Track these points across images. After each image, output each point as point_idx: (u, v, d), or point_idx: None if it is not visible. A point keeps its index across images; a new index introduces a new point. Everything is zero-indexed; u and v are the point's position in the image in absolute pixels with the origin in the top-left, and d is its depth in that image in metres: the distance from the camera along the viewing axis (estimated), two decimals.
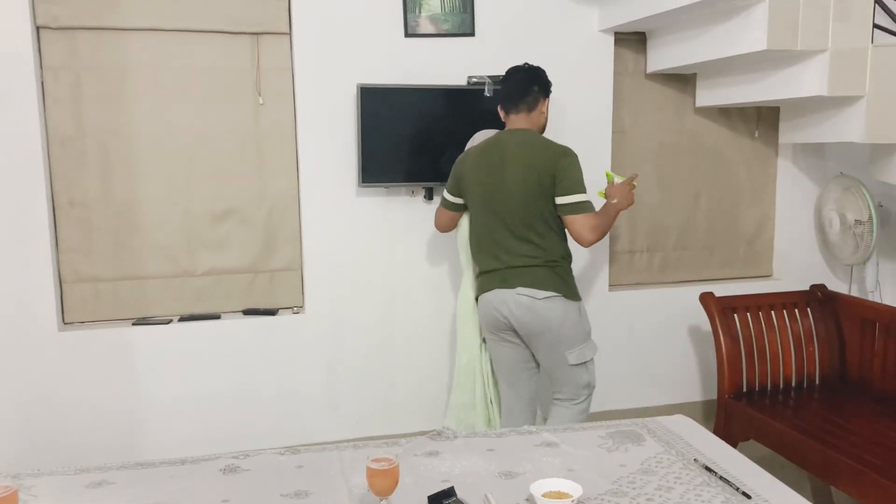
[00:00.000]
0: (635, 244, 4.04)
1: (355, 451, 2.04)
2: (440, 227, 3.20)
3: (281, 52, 3.45)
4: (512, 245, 2.82)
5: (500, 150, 2.87)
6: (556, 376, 2.96)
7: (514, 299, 2.81)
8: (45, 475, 1.90)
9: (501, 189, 2.80)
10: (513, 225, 2.81)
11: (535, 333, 2.84)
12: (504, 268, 2.85)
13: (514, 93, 2.93)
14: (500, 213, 2.83)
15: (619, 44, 3.80)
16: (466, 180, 2.94)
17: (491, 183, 2.84)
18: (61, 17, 3.17)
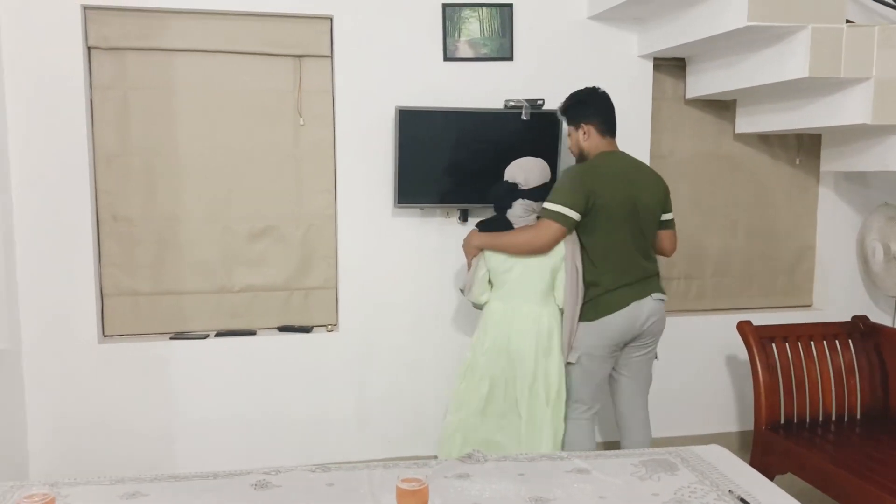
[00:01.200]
0: (672, 271, 4.00)
1: (385, 471, 2.04)
2: (546, 248, 2.92)
3: (322, 75, 3.51)
4: (641, 261, 3.01)
5: (631, 171, 3.00)
6: (644, 375, 3.17)
7: (652, 305, 2.99)
8: (81, 484, 1.94)
9: (640, 208, 2.95)
10: (645, 241, 3.02)
11: (656, 333, 3.08)
12: (642, 278, 3.00)
13: (611, 116, 3.05)
14: (639, 230, 2.97)
15: (658, 69, 3.79)
16: (602, 200, 2.88)
17: (633, 201, 2.93)
18: (111, 37, 3.27)
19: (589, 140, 3.01)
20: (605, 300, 2.95)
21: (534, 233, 2.90)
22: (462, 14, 3.51)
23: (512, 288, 3.00)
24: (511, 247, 2.97)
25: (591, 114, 3.01)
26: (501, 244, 2.99)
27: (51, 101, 3.19)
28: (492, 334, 3.02)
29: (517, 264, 2.98)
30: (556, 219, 2.86)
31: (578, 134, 3.02)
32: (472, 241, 3.07)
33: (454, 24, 3.51)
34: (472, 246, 3.06)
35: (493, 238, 3.01)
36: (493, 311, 3.05)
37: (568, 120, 3.07)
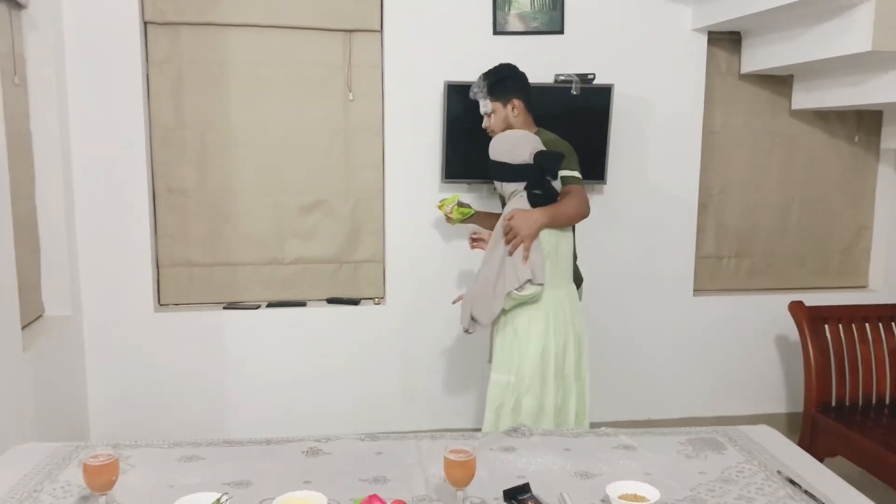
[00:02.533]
0: (722, 249, 3.94)
1: (432, 442, 2.07)
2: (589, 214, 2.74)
3: (372, 49, 3.52)
4: None
5: None
6: None
7: None
8: (141, 447, 2.02)
9: None
10: None
11: None
12: None
13: (533, 93, 2.91)
14: None
15: (712, 43, 3.71)
16: None
17: None
18: (167, 12, 3.33)
19: (518, 116, 2.85)
20: (579, 274, 2.94)
21: (581, 199, 2.66)
22: None
23: (563, 268, 2.68)
24: (571, 218, 2.67)
25: (519, 88, 2.87)
26: (561, 218, 2.62)
27: (109, 75, 3.26)
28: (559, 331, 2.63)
29: (563, 240, 2.66)
30: (581, 182, 2.75)
31: (507, 110, 2.84)
32: (536, 219, 2.55)
33: None
34: (538, 226, 2.55)
35: (554, 210, 2.59)
36: (551, 303, 2.62)
37: (494, 97, 2.85)
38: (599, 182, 3.58)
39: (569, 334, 2.67)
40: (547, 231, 2.59)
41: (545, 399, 2.62)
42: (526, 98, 2.87)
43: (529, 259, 2.53)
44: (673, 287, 3.82)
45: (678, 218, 3.78)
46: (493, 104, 2.86)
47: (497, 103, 2.86)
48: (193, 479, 1.81)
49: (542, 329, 2.61)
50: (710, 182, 3.86)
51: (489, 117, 2.89)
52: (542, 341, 2.60)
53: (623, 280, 3.78)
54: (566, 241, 2.69)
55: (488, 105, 2.87)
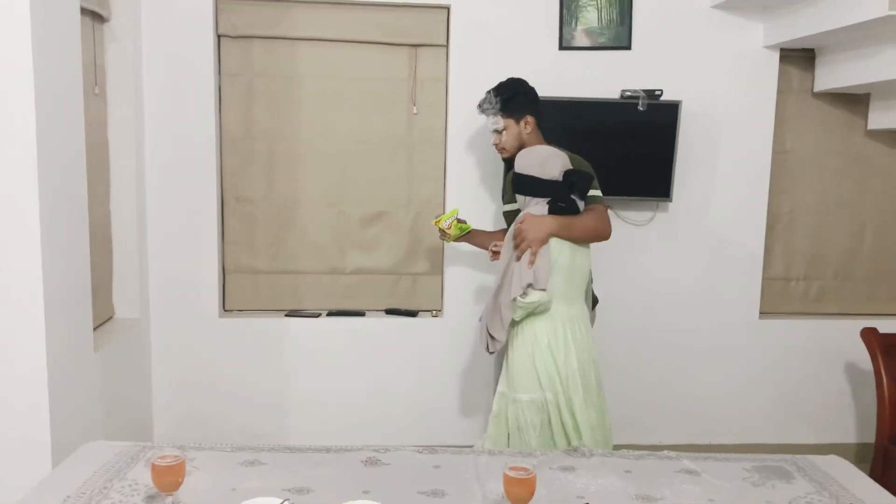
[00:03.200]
0: (791, 271, 3.83)
1: (491, 458, 2.07)
2: (610, 235, 2.70)
3: (437, 64, 3.55)
4: None
5: None
6: None
7: None
8: (205, 449, 2.06)
9: None
10: None
11: None
12: None
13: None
14: None
15: (784, 60, 3.62)
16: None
17: None
18: (239, 26, 3.42)
19: (531, 133, 2.80)
20: (593, 295, 2.86)
21: (603, 218, 2.61)
22: (580, 3, 3.46)
23: (576, 284, 2.60)
24: (586, 232, 2.59)
25: (531, 105, 2.81)
26: (579, 229, 2.55)
27: (183, 86, 3.37)
28: (579, 349, 2.54)
29: (579, 257, 2.58)
30: (603, 203, 2.70)
31: (520, 127, 2.79)
32: (547, 225, 2.50)
33: (571, 13, 3.47)
34: (547, 232, 2.50)
35: (570, 221, 2.54)
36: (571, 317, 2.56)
37: (507, 113, 2.79)
38: (665, 200, 3.52)
39: (587, 352, 2.58)
40: (564, 244, 2.53)
41: (565, 418, 2.52)
42: (537, 114, 2.82)
43: (535, 264, 2.47)
44: (738, 309, 3.73)
45: (745, 238, 3.69)
46: (505, 121, 2.81)
47: (510, 120, 2.80)
48: (255, 483, 1.84)
49: (562, 345, 2.52)
50: (780, 202, 3.76)
51: (500, 134, 2.83)
52: (563, 357, 2.51)
53: (686, 300, 3.70)
54: (583, 258, 2.61)
55: (500, 122, 2.82)
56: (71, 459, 1.99)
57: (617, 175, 3.48)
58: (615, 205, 3.59)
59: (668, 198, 3.51)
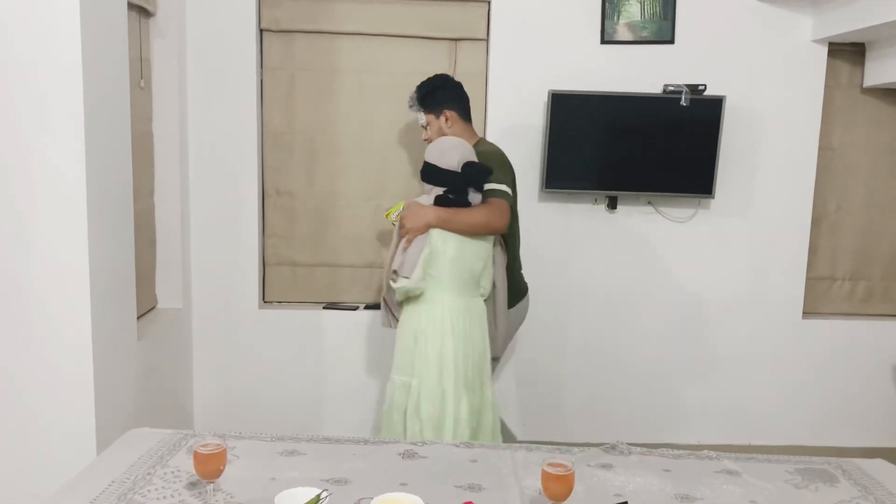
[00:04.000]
0: (836, 270, 3.75)
1: (528, 453, 2.06)
2: (505, 229, 2.66)
3: (477, 58, 3.54)
4: None
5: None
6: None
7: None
8: (245, 438, 2.09)
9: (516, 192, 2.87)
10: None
11: None
12: None
13: (468, 102, 2.89)
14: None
15: (832, 54, 3.54)
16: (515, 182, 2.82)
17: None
18: (282, 20, 3.45)
19: (453, 127, 2.82)
20: (520, 285, 2.94)
21: (496, 211, 2.58)
22: None
23: (468, 271, 2.58)
24: (472, 226, 2.55)
25: (451, 99, 2.84)
26: (458, 223, 2.52)
27: (226, 80, 3.41)
28: (459, 338, 2.54)
29: (468, 250, 2.56)
30: (507, 198, 2.65)
31: (440, 122, 2.82)
32: (427, 215, 2.53)
33: (613, 7, 3.43)
34: (426, 222, 2.51)
35: (454, 214, 2.52)
36: (451, 306, 2.55)
37: (427, 109, 2.83)
38: (707, 196, 3.47)
39: (469, 344, 2.57)
40: (450, 236, 2.52)
41: (446, 406, 2.52)
42: (460, 108, 2.84)
43: (406, 252, 2.52)
44: (781, 308, 3.66)
45: (789, 236, 3.62)
46: (426, 116, 2.85)
47: (430, 115, 2.84)
48: (294, 473, 1.85)
49: (439, 332, 2.53)
50: (826, 200, 3.68)
51: (425, 129, 2.88)
52: (439, 345, 2.53)
53: (728, 299, 3.64)
54: (475, 252, 2.58)
55: (422, 117, 2.87)
56: (116, 446, 2.04)
57: (659, 171, 3.45)
58: (656, 201, 3.55)
59: (710, 195, 3.45)
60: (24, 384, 2.36)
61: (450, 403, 2.53)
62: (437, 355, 2.53)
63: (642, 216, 3.58)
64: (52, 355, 2.35)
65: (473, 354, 2.59)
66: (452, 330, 2.54)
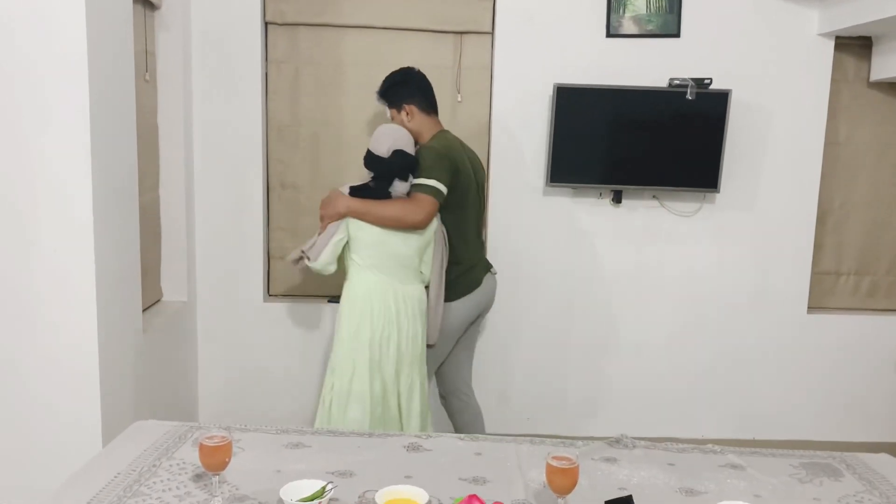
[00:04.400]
0: (842, 265, 3.74)
1: (532, 447, 2.06)
2: (424, 224, 2.70)
3: (482, 51, 3.53)
4: (480, 236, 3.12)
5: (467, 150, 3.01)
6: (473, 347, 3.22)
7: (493, 280, 3.09)
8: (251, 431, 2.09)
9: (479, 186, 3.00)
10: (481, 219, 3.11)
11: (490, 307, 3.13)
12: (483, 255, 3.14)
13: (432, 94, 2.94)
14: (478, 208, 3.03)
15: (839, 48, 3.52)
16: (463, 176, 2.86)
17: (476, 179, 2.97)
18: (287, 13, 3.45)
19: (414, 121, 2.87)
20: (468, 278, 2.96)
21: (411, 207, 2.66)
22: None
23: (394, 261, 2.71)
24: (383, 219, 2.66)
25: (411, 93, 2.88)
26: (373, 215, 2.66)
27: (231, 73, 3.41)
28: (377, 319, 2.67)
29: (395, 235, 2.69)
30: (432, 194, 2.69)
31: (402, 116, 2.88)
32: (339, 205, 2.68)
33: (619, 0, 3.42)
34: (337, 211, 2.68)
35: (365, 206, 2.66)
36: (369, 283, 2.69)
37: (389, 103, 2.90)
38: (712, 191, 3.46)
39: (392, 329, 2.69)
40: (369, 226, 2.68)
41: (354, 386, 2.67)
42: (421, 101, 2.89)
43: (318, 237, 2.70)
44: (786, 303, 3.65)
45: (794, 231, 3.61)
46: (390, 110, 2.92)
47: (393, 109, 2.91)
48: (299, 465, 1.86)
49: (357, 313, 2.69)
50: (831, 195, 3.67)
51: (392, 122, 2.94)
52: (355, 325, 2.68)
53: (733, 293, 3.64)
54: (402, 241, 2.70)
55: (387, 111, 2.94)
56: (121, 438, 2.04)
57: (664, 165, 3.44)
58: (661, 195, 3.54)
59: (715, 189, 3.44)
60: (30, 377, 2.37)
61: (357, 383, 2.68)
62: (351, 335, 2.69)
63: (647, 210, 3.58)
64: (58, 348, 2.36)
65: (399, 338, 2.71)
66: (372, 312, 2.68)
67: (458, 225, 2.90)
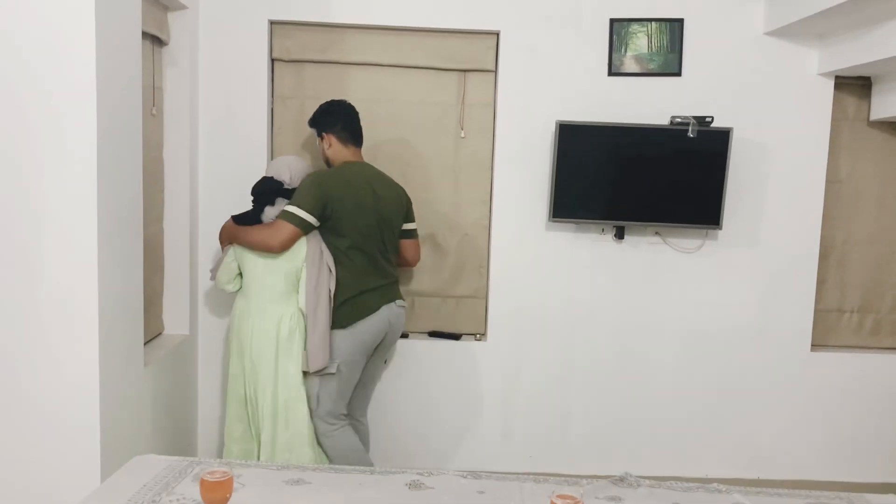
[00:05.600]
0: (844, 302, 3.73)
1: (536, 485, 2.04)
2: (278, 248, 2.89)
3: (485, 89, 3.57)
4: (383, 267, 3.10)
5: (370, 181, 3.06)
6: (376, 377, 3.37)
7: (396, 311, 3.12)
8: (251, 466, 2.08)
9: (383, 217, 3.05)
10: (384, 249, 3.09)
11: (395, 339, 3.24)
12: (387, 284, 3.11)
13: (354, 126, 3.12)
14: (377, 239, 3.04)
15: (839, 87, 3.56)
16: (342, 205, 2.95)
17: (373, 210, 3.01)
18: (293, 50, 3.49)
19: (331, 149, 3.09)
20: (358, 304, 3.00)
21: (268, 233, 2.90)
22: (630, 29, 3.46)
23: (256, 285, 2.98)
24: (247, 243, 2.96)
25: (331, 123, 3.08)
26: (240, 240, 2.99)
27: (237, 109, 3.44)
28: (237, 333, 3.00)
29: (261, 260, 2.96)
30: (291, 220, 2.87)
31: (322, 144, 3.11)
32: (223, 230, 3.12)
33: (621, 39, 3.47)
34: (223, 237, 3.11)
35: (236, 231, 3.01)
36: (237, 308, 3.03)
37: (316, 130, 3.14)
38: (714, 227, 3.47)
39: (256, 343, 2.94)
40: (244, 250, 2.99)
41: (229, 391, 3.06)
42: (340, 132, 3.08)
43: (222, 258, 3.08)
44: (789, 341, 3.64)
45: (797, 268, 3.61)
46: (316, 138, 3.16)
47: (317, 137, 3.14)
48: (300, 502, 1.85)
49: (236, 328, 3.02)
50: (833, 232, 3.68)
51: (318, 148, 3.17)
52: (235, 338, 3.03)
53: (735, 330, 3.63)
54: (269, 266, 2.95)
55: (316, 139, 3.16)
56: (121, 472, 2.02)
57: (666, 202, 3.46)
58: (663, 231, 3.55)
59: (717, 226, 3.45)
60: (29, 409, 2.35)
61: (231, 389, 3.05)
62: (233, 345, 3.03)
63: (649, 246, 3.58)
64: (58, 379, 2.34)
65: (259, 355, 2.94)
66: (239, 329, 2.99)
67: (344, 252, 2.99)
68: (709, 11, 3.46)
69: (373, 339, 3.06)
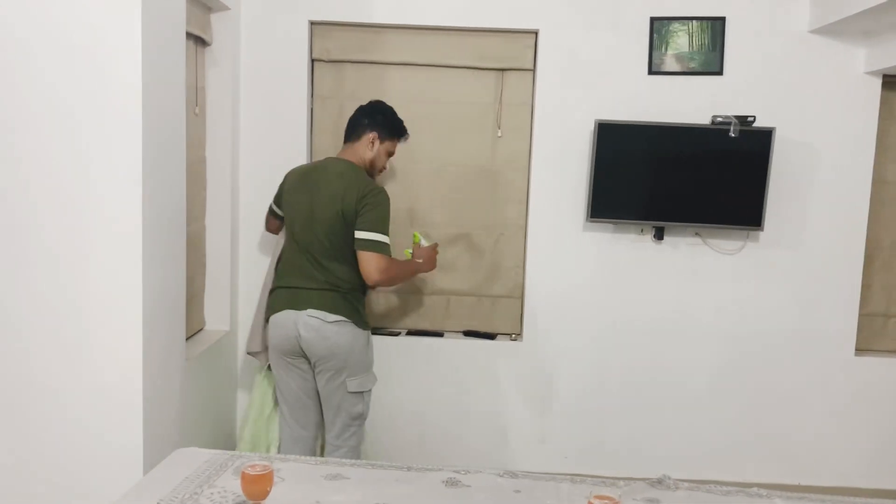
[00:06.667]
0: (891, 307, 3.65)
1: (572, 486, 2.03)
2: (271, 231, 3.26)
3: (523, 88, 3.56)
4: (309, 269, 2.84)
5: (318, 176, 2.91)
6: (332, 404, 2.90)
7: (304, 321, 2.79)
8: (290, 461, 2.10)
9: (313, 213, 2.83)
10: (314, 250, 2.83)
11: (323, 357, 2.81)
12: (304, 288, 2.84)
13: (348, 125, 3.03)
14: (307, 236, 2.85)
15: (886, 87, 3.48)
16: (286, 198, 2.98)
17: (306, 205, 2.86)
18: (333, 51, 3.52)
19: (372, 150, 3.02)
20: (270, 300, 2.95)
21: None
22: (671, 28, 3.42)
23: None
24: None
25: (372, 125, 3.00)
26: None
27: (278, 108, 3.49)
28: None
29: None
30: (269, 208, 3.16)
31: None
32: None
33: (662, 38, 3.43)
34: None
35: None
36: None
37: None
38: (756, 229, 3.41)
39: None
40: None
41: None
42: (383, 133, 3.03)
43: None
44: (832, 345, 3.57)
45: (841, 272, 3.54)
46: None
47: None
48: (339, 497, 1.86)
49: None
50: (879, 234, 3.60)
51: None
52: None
53: (777, 334, 3.57)
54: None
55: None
56: (163, 465, 2.07)
57: (706, 202, 3.42)
58: (704, 232, 3.51)
59: (759, 227, 3.40)
60: (74, 403, 2.40)
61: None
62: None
63: (689, 247, 3.54)
64: (103, 374, 2.39)
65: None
66: None
67: (286, 243, 3.01)
68: (751, 10, 3.41)
69: (281, 344, 2.86)
